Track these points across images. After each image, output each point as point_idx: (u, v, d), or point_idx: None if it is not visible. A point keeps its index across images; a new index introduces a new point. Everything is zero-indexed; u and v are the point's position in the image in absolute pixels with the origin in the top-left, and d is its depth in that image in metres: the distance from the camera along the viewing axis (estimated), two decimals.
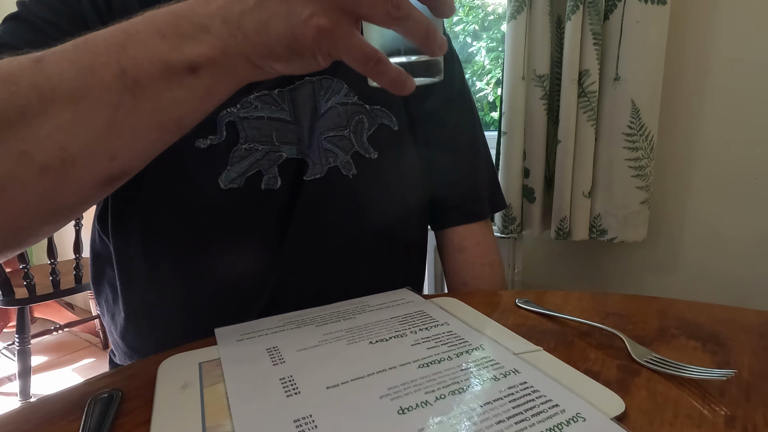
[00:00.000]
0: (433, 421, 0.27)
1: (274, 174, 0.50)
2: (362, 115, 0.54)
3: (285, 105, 0.51)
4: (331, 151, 0.52)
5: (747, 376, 0.33)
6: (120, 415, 0.30)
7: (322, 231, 0.52)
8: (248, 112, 0.49)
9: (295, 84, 0.51)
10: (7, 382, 1.84)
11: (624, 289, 1.09)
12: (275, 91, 0.50)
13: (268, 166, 0.50)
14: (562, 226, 1.00)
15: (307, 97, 0.52)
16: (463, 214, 0.62)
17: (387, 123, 0.55)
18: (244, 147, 0.49)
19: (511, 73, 0.97)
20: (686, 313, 0.44)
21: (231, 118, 0.49)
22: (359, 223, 0.54)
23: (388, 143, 0.55)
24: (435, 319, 0.42)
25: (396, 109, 0.56)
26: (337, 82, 0.53)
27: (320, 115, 0.52)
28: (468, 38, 1.51)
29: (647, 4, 0.86)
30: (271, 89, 0.50)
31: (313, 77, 0.52)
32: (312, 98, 0.52)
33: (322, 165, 0.51)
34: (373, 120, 0.55)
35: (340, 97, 0.53)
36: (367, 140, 0.54)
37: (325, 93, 0.53)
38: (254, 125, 0.49)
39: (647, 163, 0.92)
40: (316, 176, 0.51)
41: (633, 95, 0.90)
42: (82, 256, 1.67)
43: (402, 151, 0.57)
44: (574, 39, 0.90)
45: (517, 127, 0.99)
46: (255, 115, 0.49)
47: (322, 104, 0.52)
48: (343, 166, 0.52)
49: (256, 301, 0.51)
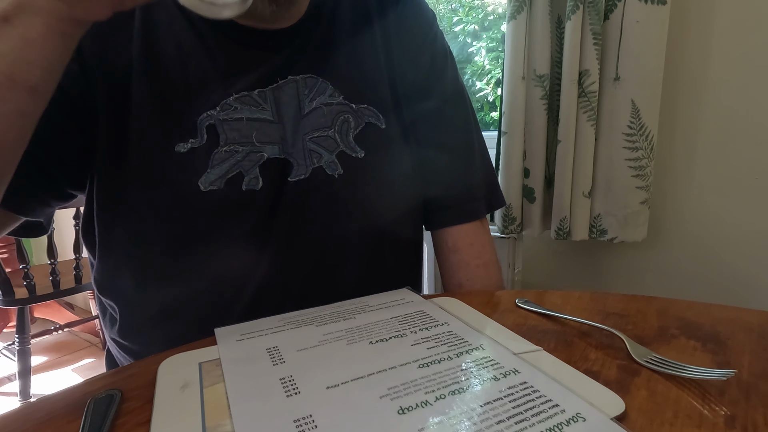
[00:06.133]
0: (433, 421, 0.27)
1: (255, 175, 0.50)
2: (348, 115, 0.53)
3: (267, 105, 0.51)
4: (315, 151, 0.52)
5: (747, 376, 0.33)
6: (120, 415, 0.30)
7: (306, 231, 0.52)
8: (228, 114, 0.49)
9: (278, 83, 0.51)
10: (7, 382, 1.84)
11: (624, 289, 1.09)
12: (255, 92, 0.50)
13: (249, 167, 0.49)
14: (562, 226, 1.00)
15: (290, 96, 0.52)
16: (456, 215, 0.61)
17: (374, 122, 0.55)
18: (224, 149, 0.49)
19: (511, 73, 0.97)
20: (686, 313, 0.44)
21: (211, 121, 0.49)
22: (345, 224, 0.53)
23: (375, 142, 0.54)
24: (435, 319, 0.42)
25: (384, 107, 0.55)
26: (322, 82, 0.53)
27: (304, 114, 0.52)
28: (468, 38, 1.51)
29: (647, 3, 0.86)
30: (250, 90, 0.50)
31: (296, 76, 0.52)
32: (296, 97, 0.52)
33: (306, 166, 0.51)
34: (359, 119, 0.54)
35: (325, 97, 0.53)
36: (354, 139, 0.54)
37: (309, 92, 0.52)
38: (234, 127, 0.49)
39: (647, 163, 0.92)
40: (300, 177, 0.51)
41: (633, 95, 0.90)
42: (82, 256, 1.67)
43: (390, 149, 0.56)
44: (574, 39, 0.90)
45: (517, 127, 0.99)
46: (235, 116, 0.49)
47: (306, 104, 0.52)
48: (328, 166, 0.52)
49: (240, 302, 0.51)
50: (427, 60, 0.59)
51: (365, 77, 0.55)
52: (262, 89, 0.51)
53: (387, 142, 0.56)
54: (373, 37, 0.56)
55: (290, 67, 0.52)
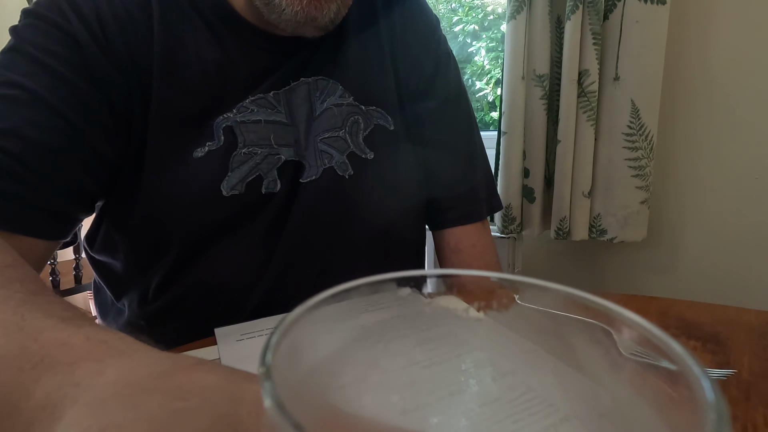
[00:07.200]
0: (433, 421, 0.27)
1: (273, 177, 0.49)
2: (358, 116, 0.54)
3: (281, 107, 0.50)
4: (326, 152, 0.52)
5: (747, 376, 0.33)
6: None
7: (317, 231, 0.52)
8: (245, 116, 0.48)
9: (291, 85, 0.51)
10: None
11: (624, 289, 1.09)
12: (270, 94, 0.50)
13: (268, 170, 0.49)
14: (562, 226, 1.00)
15: (302, 98, 0.52)
16: (459, 216, 0.61)
17: (383, 123, 0.55)
18: (243, 151, 0.48)
19: (510, 73, 0.97)
20: (686, 313, 0.44)
21: (228, 123, 0.48)
22: (355, 223, 0.54)
23: (384, 143, 0.55)
24: (435, 319, 0.42)
25: (391, 109, 0.56)
26: (332, 83, 0.53)
27: (316, 116, 0.52)
28: (468, 38, 1.51)
29: (647, 3, 0.86)
30: (266, 92, 0.50)
31: (308, 78, 0.52)
32: (308, 100, 0.52)
33: (317, 167, 0.51)
34: (368, 120, 0.54)
35: (336, 98, 0.53)
36: (363, 141, 0.54)
37: (321, 94, 0.52)
38: (252, 129, 0.49)
39: (647, 163, 0.92)
40: (311, 178, 0.51)
41: (633, 95, 0.90)
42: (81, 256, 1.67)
43: (398, 151, 0.56)
44: (573, 39, 0.90)
45: (517, 127, 0.99)
46: (252, 119, 0.49)
47: (317, 105, 0.52)
48: (339, 167, 0.52)
49: (249, 302, 0.51)
50: (431, 62, 0.60)
51: (374, 79, 0.56)
52: (276, 91, 0.50)
53: (395, 144, 0.56)
54: (379, 39, 0.57)
55: (302, 70, 0.52)
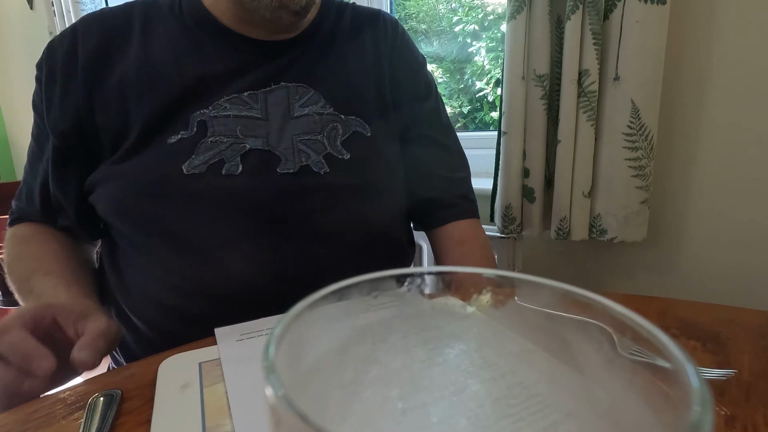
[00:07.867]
0: (433, 421, 0.27)
1: (236, 162, 0.54)
2: (337, 124, 0.59)
3: (257, 105, 0.56)
4: (304, 152, 0.56)
5: (747, 376, 0.33)
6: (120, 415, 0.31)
7: (292, 223, 0.55)
8: (218, 112, 0.54)
9: (270, 87, 0.57)
10: None
11: (624, 289, 1.09)
12: (245, 94, 0.56)
13: (231, 156, 0.54)
14: (562, 226, 1.00)
15: (281, 98, 0.57)
16: (460, 211, 0.69)
17: (360, 130, 0.61)
18: (210, 140, 0.54)
19: (510, 73, 0.97)
20: (686, 313, 0.44)
21: (202, 117, 0.54)
22: (332, 215, 0.57)
23: (360, 146, 0.60)
24: (435, 319, 0.42)
25: (370, 119, 0.62)
26: (314, 94, 0.58)
27: (293, 116, 0.57)
28: (468, 38, 1.51)
29: (647, 4, 0.86)
30: (240, 92, 0.55)
31: (289, 83, 0.57)
32: (286, 100, 0.57)
33: (294, 162, 0.56)
34: (347, 127, 0.60)
35: (317, 107, 0.58)
36: (341, 144, 0.59)
37: (300, 98, 0.58)
38: (222, 122, 0.54)
39: (647, 163, 0.92)
40: (288, 170, 0.55)
41: (633, 95, 0.90)
42: None
43: (374, 153, 0.62)
44: (573, 39, 0.90)
45: (517, 127, 0.99)
46: (223, 114, 0.55)
47: (296, 108, 0.57)
48: (315, 165, 0.57)
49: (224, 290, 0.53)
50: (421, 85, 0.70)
51: (354, 92, 0.62)
52: (254, 92, 0.56)
53: (371, 147, 0.62)
54: (364, 56, 0.64)
55: (284, 75, 0.58)
